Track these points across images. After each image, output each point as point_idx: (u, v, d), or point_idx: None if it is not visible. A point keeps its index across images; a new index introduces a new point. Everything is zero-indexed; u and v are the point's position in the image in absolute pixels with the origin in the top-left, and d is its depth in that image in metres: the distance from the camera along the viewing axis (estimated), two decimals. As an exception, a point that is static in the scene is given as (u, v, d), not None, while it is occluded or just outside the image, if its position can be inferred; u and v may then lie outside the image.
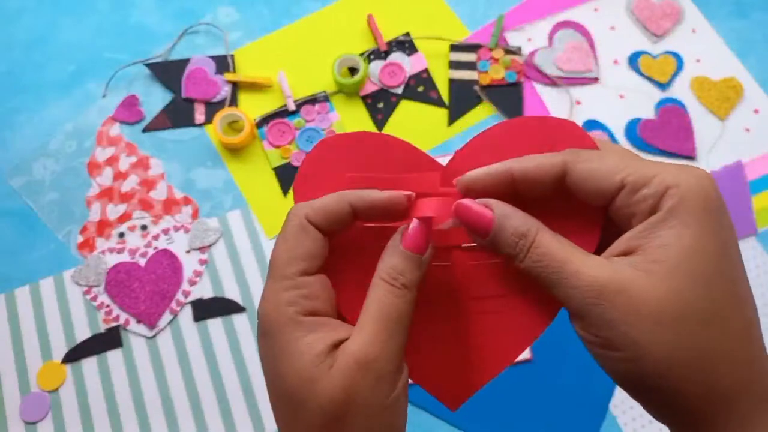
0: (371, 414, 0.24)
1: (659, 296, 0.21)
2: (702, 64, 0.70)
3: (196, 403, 0.58)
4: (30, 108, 0.69)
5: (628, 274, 0.21)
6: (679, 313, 0.21)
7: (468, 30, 0.71)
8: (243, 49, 0.71)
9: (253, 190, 0.65)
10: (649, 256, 0.22)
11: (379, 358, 0.24)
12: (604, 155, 0.24)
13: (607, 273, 0.22)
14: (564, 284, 0.23)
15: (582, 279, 0.22)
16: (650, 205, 0.22)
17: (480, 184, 0.25)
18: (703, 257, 0.21)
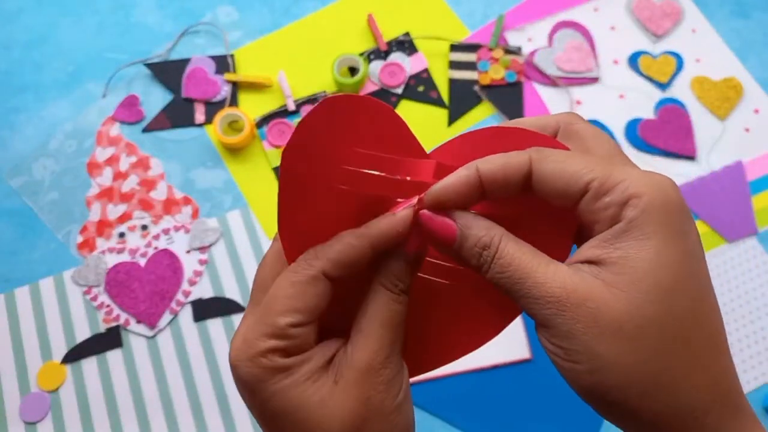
0: (386, 418, 0.24)
1: (620, 309, 0.21)
2: (702, 64, 0.70)
3: (196, 403, 0.58)
4: (30, 108, 0.69)
5: (591, 285, 0.21)
6: (640, 328, 0.20)
7: (468, 30, 0.71)
8: (243, 49, 0.71)
9: (253, 190, 0.65)
10: (611, 267, 0.21)
11: (386, 363, 0.24)
12: (571, 156, 0.23)
13: (569, 284, 0.21)
14: (527, 295, 0.22)
15: (544, 290, 0.22)
16: (613, 213, 0.22)
17: (449, 194, 0.24)
18: (665, 271, 0.21)
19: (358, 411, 0.23)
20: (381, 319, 0.25)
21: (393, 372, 0.24)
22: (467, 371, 0.58)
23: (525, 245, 0.24)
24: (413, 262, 0.26)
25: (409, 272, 0.25)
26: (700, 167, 0.66)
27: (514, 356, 0.58)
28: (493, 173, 0.24)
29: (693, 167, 0.66)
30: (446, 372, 0.58)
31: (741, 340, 0.59)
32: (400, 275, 0.25)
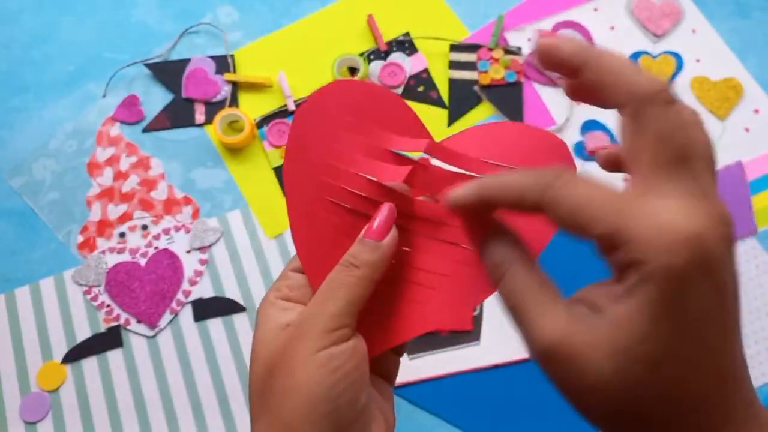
0: (295, 366, 0.26)
1: (605, 372, 0.21)
2: (702, 64, 0.70)
3: (197, 403, 0.58)
4: (30, 108, 0.69)
5: (582, 340, 0.21)
6: (621, 390, 0.21)
7: (468, 30, 0.71)
8: (243, 49, 0.71)
9: (253, 190, 0.65)
10: (605, 324, 0.21)
11: (309, 319, 0.27)
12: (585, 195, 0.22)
13: (559, 336, 0.22)
14: (523, 334, 0.23)
15: (537, 335, 0.22)
16: (617, 271, 0.22)
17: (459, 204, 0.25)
18: (652, 345, 0.20)
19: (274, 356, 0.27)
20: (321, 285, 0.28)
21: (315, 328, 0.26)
22: (467, 371, 0.58)
23: (533, 277, 0.23)
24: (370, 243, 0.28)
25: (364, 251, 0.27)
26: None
27: (514, 356, 0.58)
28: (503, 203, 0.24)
29: (693, 167, 0.66)
30: (446, 372, 0.58)
31: (741, 340, 0.59)
32: (355, 252, 0.28)
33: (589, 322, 0.22)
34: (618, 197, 0.21)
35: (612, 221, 0.21)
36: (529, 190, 0.23)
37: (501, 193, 0.24)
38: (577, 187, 0.22)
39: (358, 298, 0.27)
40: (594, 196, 0.21)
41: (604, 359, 0.21)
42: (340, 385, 0.25)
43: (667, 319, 0.20)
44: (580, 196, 0.21)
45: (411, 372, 0.58)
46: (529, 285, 0.23)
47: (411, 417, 0.57)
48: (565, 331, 0.22)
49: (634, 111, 0.22)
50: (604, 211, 0.21)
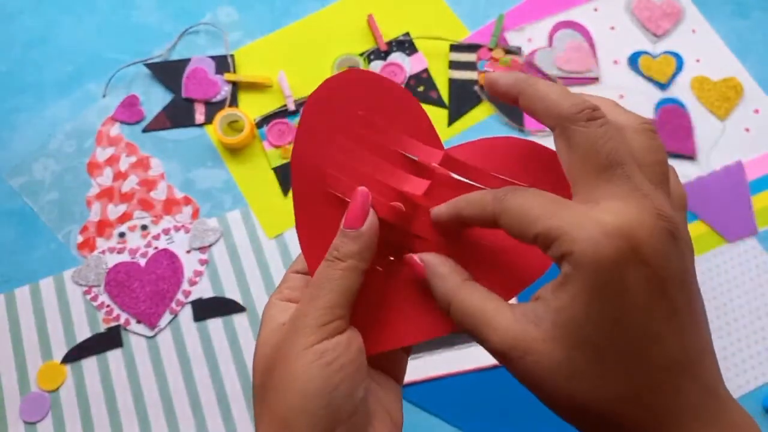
0: (289, 362, 0.26)
1: (555, 362, 0.23)
2: (702, 64, 0.70)
3: (196, 403, 0.58)
4: (30, 108, 0.69)
5: (531, 336, 0.23)
6: (572, 379, 0.23)
7: (468, 30, 0.71)
8: (243, 49, 0.71)
9: (253, 190, 0.65)
10: (549, 315, 0.23)
11: (301, 314, 0.27)
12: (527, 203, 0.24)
13: (511, 338, 0.24)
14: (482, 344, 0.25)
15: (491, 344, 0.24)
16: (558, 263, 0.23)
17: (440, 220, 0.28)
18: (591, 328, 0.22)
19: (271, 354, 0.27)
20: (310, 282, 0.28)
21: (306, 323, 0.27)
22: (467, 371, 0.58)
23: (476, 296, 0.26)
24: (350, 233, 0.28)
25: (345, 242, 0.28)
26: (700, 167, 0.66)
27: (514, 356, 0.58)
28: (471, 218, 0.26)
29: (693, 167, 0.66)
30: (446, 372, 0.58)
31: (741, 340, 0.59)
32: (337, 245, 0.28)
33: (534, 317, 0.23)
34: (556, 204, 0.24)
35: (547, 222, 0.23)
36: (487, 203, 0.25)
37: (467, 209, 0.26)
38: (523, 196, 0.24)
39: (347, 289, 0.27)
40: (535, 204, 0.24)
41: (552, 349, 0.23)
42: (334, 378, 0.26)
43: (602, 304, 0.22)
44: (523, 204, 0.24)
45: (411, 372, 0.58)
46: (473, 304, 0.25)
47: (411, 417, 0.57)
48: (514, 331, 0.24)
49: (562, 130, 0.25)
50: (542, 215, 0.23)
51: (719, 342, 0.59)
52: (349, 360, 0.26)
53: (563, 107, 0.25)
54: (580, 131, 0.24)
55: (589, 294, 0.22)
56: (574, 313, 0.22)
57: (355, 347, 0.27)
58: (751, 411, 0.60)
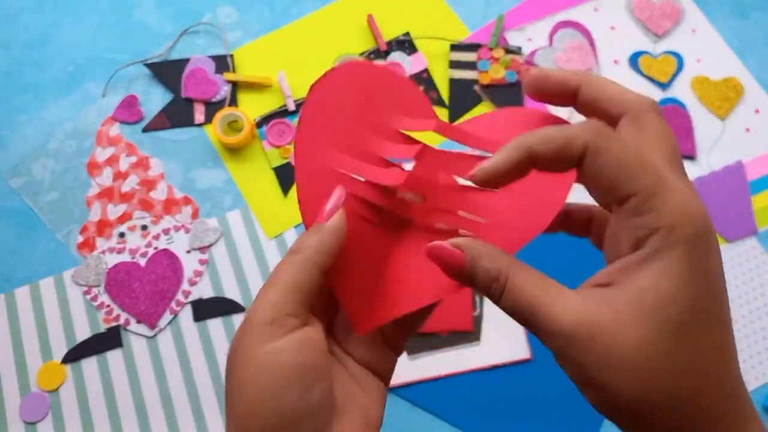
0: (242, 363, 0.25)
1: (629, 344, 0.21)
2: (702, 64, 0.70)
3: (196, 403, 0.58)
4: (30, 108, 0.69)
5: (600, 317, 0.22)
6: (648, 362, 0.21)
7: (468, 30, 0.71)
8: (243, 48, 0.71)
9: (252, 190, 0.65)
10: (626, 296, 0.22)
11: (251, 310, 0.26)
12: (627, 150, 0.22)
13: (578, 317, 0.22)
14: (538, 328, 0.23)
15: (554, 323, 0.22)
16: (640, 236, 0.22)
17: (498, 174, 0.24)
18: (680, 307, 0.21)
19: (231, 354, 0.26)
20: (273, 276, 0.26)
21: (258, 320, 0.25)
22: (467, 371, 0.58)
23: (533, 274, 0.24)
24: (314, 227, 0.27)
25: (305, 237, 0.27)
26: (700, 167, 0.66)
27: (514, 356, 0.58)
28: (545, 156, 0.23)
29: (693, 167, 0.66)
30: (446, 372, 0.58)
31: (741, 340, 0.59)
32: (299, 240, 0.27)
33: (604, 298, 0.22)
34: (655, 164, 0.22)
35: (651, 184, 0.21)
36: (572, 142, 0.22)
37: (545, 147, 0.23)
38: (620, 141, 0.22)
39: (300, 283, 0.26)
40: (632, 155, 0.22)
41: (629, 330, 0.21)
42: (283, 381, 0.24)
43: (693, 281, 0.21)
44: (626, 150, 0.22)
45: (411, 372, 0.58)
46: (532, 281, 0.23)
47: (411, 417, 0.57)
48: (583, 311, 0.22)
49: (634, 117, 0.24)
50: (646, 172, 0.22)
51: (719, 342, 0.59)
52: (302, 362, 0.25)
53: (637, 96, 0.25)
54: (653, 120, 0.24)
55: (684, 271, 0.21)
56: (663, 290, 0.21)
57: (310, 347, 0.25)
58: (751, 411, 0.59)
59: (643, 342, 0.21)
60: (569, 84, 0.26)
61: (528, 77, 0.26)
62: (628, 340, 0.21)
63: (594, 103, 0.25)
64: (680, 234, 0.21)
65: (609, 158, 0.22)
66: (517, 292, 0.23)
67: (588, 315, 0.22)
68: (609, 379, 0.22)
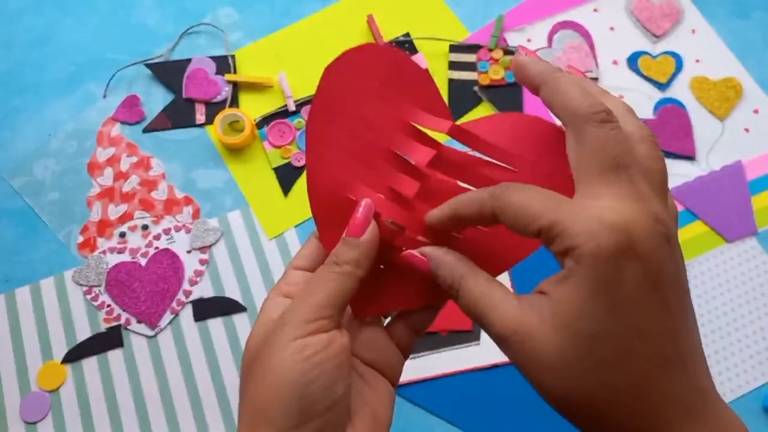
0: (271, 353, 0.27)
1: (551, 350, 0.24)
2: (702, 64, 0.70)
3: (197, 403, 0.58)
4: (30, 108, 0.69)
5: (533, 323, 0.24)
6: (567, 367, 0.24)
7: (468, 30, 0.71)
8: (243, 49, 0.71)
9: (253, 190, 0.65)
10: (552, 306, 0.24)
11: (290, 310, 0.28)
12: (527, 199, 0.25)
13: (514, 323, 0.25)
14: (485, 329, 0.26)
15: (496, 329, 0.25)
16: (559, 261, 0.24)
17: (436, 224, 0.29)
18: (589, 319, 0.23)
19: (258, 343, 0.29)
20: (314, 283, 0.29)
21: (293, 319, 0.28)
22: (467, 371, 0.58)
23: (483, 282, 0.27)
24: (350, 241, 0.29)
25: (344, 249, 0.29)
26: (699, 167, 0.66)
27: (514, 356, 0.58)
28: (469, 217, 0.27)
29: (693, 167, 0.66)
30: (446, 372, 0.58)
31: (741, 340, 0.59)
32: (336, 251, 0.29)
33: (537, 306, 0.25)
34: (556, 199, 0.25)
35: (550, 217, 0.24)
36: (484, 202, 0.26)
37: (463, 208, 0.27)
38: (521, 192, 0.25)
39: (339, 292, 0.28)
40: (535, 199, 0.25)
41: (550, 337, 0.24)
42: (312, 372, 0.26)
43: (599, 296, 0.23)
44: (523, 201, 0.25)
45: (411, 372, 0.58)
46: (480, 289, 0.27)
47: (411, 417, 0.57)
48: (517, 317, 0.25)
49: (576, 128, 0.26)
50: (543, 210, 0.24)
51: (719, 342, 0.59)
52: (328, 357, 0.27)
53: (580, 105, 0.25)
54: (592, 131, 0.25)
55: (588, 287, 0.23)
56: (573, 305, 0.23)
57: (338, 346, 0.28)
58: (751, 411, 0.60)
59: (561, 349, 0.23)
60: (532, 83, 0.28)
61: (512, 61, 0.29)
62: (550, 347, 0.24)
63: (549, 105, 0.27)
64: (582, 251, 0.23)
65: (512, 211, 0.25)
66: (467, 298, 0.27)
67: (520, 321, 0.25)
68: (538, 378, 0.25)
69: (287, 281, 0.32)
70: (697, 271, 0.62)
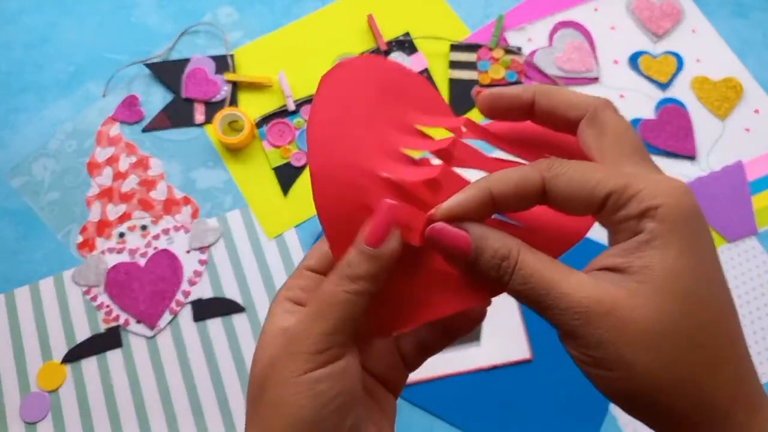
0: (282, 385, 0.25)
1: (646, 316, 0.21)
2: (702, 64, 0.70)
3: (196, 403, 0.58)
4: (30, 108, 0.69)
5: (614, 293, 0.22)
6: (667, 333, 0.21)
7: (468, 30, 0.71)
8: (243, 48, 0.71)
9: (252, 190, 0.65)
10: (634, 276, 0.22)
11: (300, 335, 0.25)
12: (585, 169, 0.23)
13: (594, 293, 0.22)
14: (552, 306, 0.23)
15: (569, 301, 0.22)
16: (632, 225, 0.22)
17: (460, 211, 0.24)
18: (686, 277, 0.22)
19: (266, 368, 0.26)
20: (314, 297, 0.26)
21: (304, 346, 0.25)
22: (467, 371, 0.58)
23: (543, 255, 0.24)
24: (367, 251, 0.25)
25: (360, 261, 0.25)
26: (700, 167, 0.66)
27: (514, 356, 0.58)
28: (505, 194, 0.24)
29: (693, 167, 0.66)
30: (446, 372, 0.58)
31: (741, 340, 0.59)
32: (350, 262, 0.25)
33: (613, 278, 0.22)
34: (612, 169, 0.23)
35: (617, 180, 0.22)
36: (528, 173, 0.24)
37: (501, 184, 0.24)
38: (571, 164, 0.24)
39: (352, 314, 0.25)
40: (590, 168, 0.23)
41: (643, 304, 0.21)
42: (325, 409, 0.25)
43: (692, 252, 0.22)
44: (578, 169, 0.23)
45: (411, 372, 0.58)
46: (545, 262, 0.23)
47: (411, 417, 0.57)
48: (597, 288, 0.22)
49: (593, 117, 0.25)
50: (606, 176, 0.23)
51: (719, 342, 0.59)
52: (341, 390, 0.25)
53: (589, 98, 0.25)
54: (613, 117, 0.25)
55: (679, 245, 0.22)
56: (665, 266, 0.22)
57: (350, 376, 0.26)
58: (751, 411, 0.59)
59: (657, 314, 0.21)
60: (523, 98, 0.26)
61: (481, 98, 0.27)
62: (645, 312, 0.21)
63: (551, 111, 0.26)
64: (669, 210, 0.22)
65: (569, 177, 0.23)
66: (530, 269, 0.23)
67: (602, 292, 0.22)
68: (628, 354, 0.21)
69: (298, 284, 0.29)
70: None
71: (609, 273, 0.23)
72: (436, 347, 0.30)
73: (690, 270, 0.22)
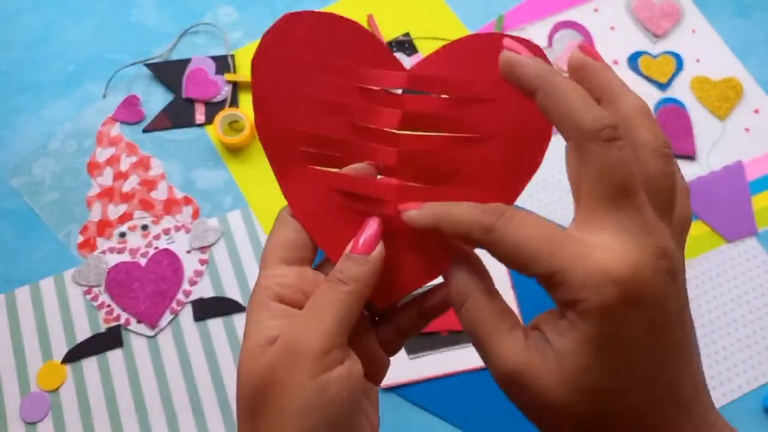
0: (288, 392, 0.25)
1: (556, 399, 0.22)
2: (702, 64, 0.70)
3: (197, 403, 0.58)
4: (30, 108, 0.69)
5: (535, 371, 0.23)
6: (573, 419, 0.23)
7: (468, 30, 0.71)
8: (243, 49, 0.71)
9: (253, 190, 0.65)
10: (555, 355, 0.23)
11: (302, 339, 0.25)
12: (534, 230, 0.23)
13: (518, 362, 0.23)
14: (484, 357, 0.25)
15: (496, 362, 0.24)
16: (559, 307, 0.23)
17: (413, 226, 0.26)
18: (597, 375, 0.22)
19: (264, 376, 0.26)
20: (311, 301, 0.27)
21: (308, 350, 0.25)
22: (467, 371, 0.58)
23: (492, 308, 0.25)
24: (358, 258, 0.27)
25: (351, 265, 0.27)
26: (700, 167, 0.66)
27: (514, 356, 0.58)
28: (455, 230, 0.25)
29: (693, 167, 0.66)
30: (446, 372, 0.58)
31: (741, 340, 0.59)
32: (342, 267, 0.27)
33: (542, 351, 0.23)
34: (555, 237, 0.23)
35: (549, 263, 0.22)
36: (474, 228, 0.24)
37: (450, 226, 0.25)
38: (517, 227, 0.23)
39: (349, 314, 0.26)
40: (532, 237, 0.23)
41: (555, 387, 0.22)
42: (336, 414, 0.25)
43: (606, 352, 0.22)
44: (519, 238, 0.23)
45: (411, 372, 0.58)
46: (488, 315, 0.25)
47: (411, 417, 0.57)
48: (522, 359, 0.23)
49: (577, 145, 0.23)
50: (542, 253, 0.22)
51: (719, 342, 0.59)
52: (350, 393, 0.26)
53: (583, 120, 0.22)
54: (597, 151, 0.22)
55: (594, 343, 0.22)
56: (578, 361, 0.22)
57: (355, 378, 0.26)
58: (751, 411, 0.60)
59: (564, 400, 0.22)
60: (527, 86, 0.25)
61: (501, 57, 0.25)
62: (556, 396, 0.22)
63: (546, 113, 0.24)
64: (586, 307, 0.21)
65: (503, 248, 0.23)
66: (471, 319, 0.25)
67: (526, 363, 0.23)
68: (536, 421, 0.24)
69: (278, 280, 0.28)
70: (697, 271, 0.62)
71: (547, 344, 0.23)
72: (411, 329, 0.31)
73: (601, 368, 0.22)
